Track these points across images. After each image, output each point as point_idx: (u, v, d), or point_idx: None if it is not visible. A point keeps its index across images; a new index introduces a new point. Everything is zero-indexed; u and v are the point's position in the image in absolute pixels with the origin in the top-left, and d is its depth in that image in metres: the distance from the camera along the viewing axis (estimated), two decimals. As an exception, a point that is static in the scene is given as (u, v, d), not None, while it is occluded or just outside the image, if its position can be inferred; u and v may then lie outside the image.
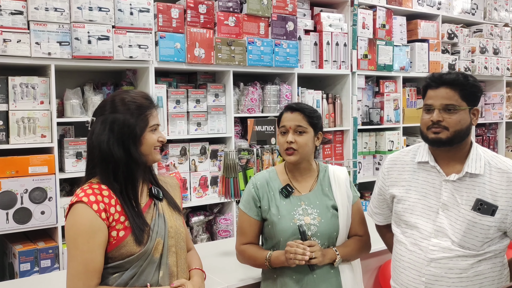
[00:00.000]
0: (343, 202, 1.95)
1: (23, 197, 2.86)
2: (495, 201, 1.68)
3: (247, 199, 1.98)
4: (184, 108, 3.55)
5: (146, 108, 1.61)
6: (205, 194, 3.67)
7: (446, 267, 1.69)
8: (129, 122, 1.56)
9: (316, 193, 1.96)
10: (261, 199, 1.96)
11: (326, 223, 1.90)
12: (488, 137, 5.62)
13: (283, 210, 1.91)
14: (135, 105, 1.59)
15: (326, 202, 1.94)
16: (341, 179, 1.99)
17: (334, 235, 1.91)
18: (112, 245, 1.53)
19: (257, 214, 1.96)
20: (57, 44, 2.93)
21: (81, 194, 1.52)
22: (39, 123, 2.93)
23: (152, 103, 1.65)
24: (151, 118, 1.62)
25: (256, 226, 1.97)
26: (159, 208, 1.66)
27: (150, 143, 1.61)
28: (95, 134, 1.57)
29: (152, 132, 1.62)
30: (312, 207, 1.92)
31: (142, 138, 1.59)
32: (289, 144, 1.91)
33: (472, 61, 5.23)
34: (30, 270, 2.88)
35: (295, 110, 1.95)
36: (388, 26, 4.55)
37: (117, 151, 1.55)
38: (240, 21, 3.65)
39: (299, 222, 1.88)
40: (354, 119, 4.34)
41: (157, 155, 1.65)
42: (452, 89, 1.70)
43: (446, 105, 1.69)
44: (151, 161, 1.65)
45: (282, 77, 4.01)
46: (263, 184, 1.98)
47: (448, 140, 1.70)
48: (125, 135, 1.56)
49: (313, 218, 1.90)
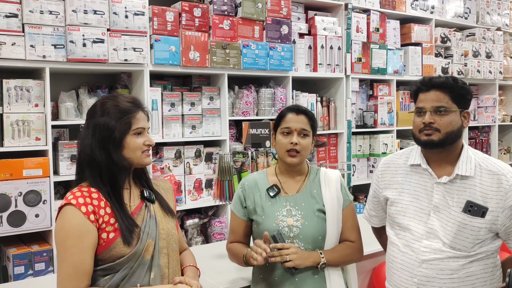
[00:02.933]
0: (332, 206, 1.92)
1: (17, 200, 2.86)
2: (485, 203, 1.69)
3: (235, 199, 2.03)
4: (179, 111, 3.55)
5: (128, 112, 1.60)
6: (200, 197, 3.67)
7: (437, 268, 1.71)
8: (108, 125, 1.57)
9: (303, 194, 1.95)
10: (247, 199, 1.98)
11: (310, 226, 1.88)
12: (481, 140, 5.66)
13: (267, 210, 1.92)
14: (117, 109, 1.60)
15: (313, 205, 1.92)
16: (331, 182, 1.97)
17: (319, 239, 1.89)
18: (102, 247, 1.53)
19: (243, 214, 1.99)
20: (52, 47, 2.93)
21: (70, 196, 1.53)
22: (33, 126, 2.93)
23: (137, 106, 1.63)
24: (135, 121, 1.61)
25: (243, 226, 2.00)
26: (151, 210, 1.66)
27: (133, 147, 1.60)
28: (81, 138, 1.61)
29: (136, 136, 1.61)
30: (297, 208, 1.91)
31: (124, 142, 1.59)
32: (294, 145, 1.90)
33: (465, 65, 5.27)
34: (24, 273, 2.87)
35: (300, 112, 1.95)
36: (381, 30, 4.58)
37: (99, 155, 1.56)
38: (235, 24, 3.67)
39: (282, 223, 1.88)
40: (348, 122, 4.36)
41: (145, 158, 1.64)
42: (442, 92, 1.73)
43: (437, 107, 1.72)
44: (138, 164, 1.64)
45: (276, 80, 4.02)
46: (251, 185, 2.00)
47: (440, 142, 1.72)
48: (105, 138, 1.57)
49: (296, 220, 1.89)
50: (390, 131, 4.68)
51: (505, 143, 6.10)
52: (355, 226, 2.00)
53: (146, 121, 1.66)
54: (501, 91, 5.91)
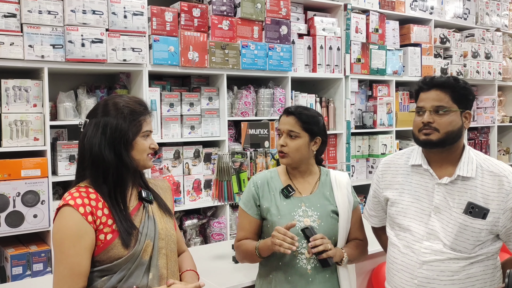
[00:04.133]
0: (344, 207, 1.95)
1: (15, 201, 2.85)
2: (486, 204, 1.69)
3: (247, 197, 1.99)
4: (178, 111, 3.55)
5: (140, 114, 1.62)
6: (199, 198, 3.66)
7: (438, 270, 1.70)
8: (121, 126, 1.57)
9: (318, 196, 1.97)
10: (261, 198, 1.96)
11: (325, 227, 1.90)
12: (480, 141, 5.65)
13: (283, 210, 1.92)
14: (128, 109, 1.59)
15: (327, 206, 1.95)
16: (342, 184, 2.00)
17: (332, 239, 1.91)
18: (100, 248, 1.52)
19: (256, 213, 1.96)
20: (50, 47, 2.92)
21: (68, 197, 1.52)
22: (32, 126, 2.92)
23: (146, 109, 1.65)
24: (145, 124, 1.63)
25: (255, 225, 1.97)
26: (149, 210, 1.65)
27: (141, 149, 1.61)
28: (87, 136, 1.57)
29: (144, 138, 1.63)
30: (313, 209, 1.93)
31: (134, 143, 1.60)
32: (281, 147, 1.95)
33: (464, 66, 5.26)
34: (22, 274, 2.86)
35: (290, 114, 1.96)
36: (381, 30, 4.58)
37: (108, 154, 1.55)
38: (234, 24, 3.66)
39: (299, 223, 1.88)
40: (347, 123, 4.35)
41: (149, 161, 1.66)
42: (443, 91, 1.72)
43: (436, 106, 1.71)
44: (142, 167, 1.65)
45: (275, 80, 4.02)
46: (264, 183, 1.99)
47: (438, 142, 1.71)
48: (116, 139, 1.56)
49: (313, 220, 1.90)
50: (389, 131, 4.68)
51: (504, 144, 6.10)
52: (362, 226, 2.06)
53: (151, 124, 1.68)
54: (500, 92, 5.91)
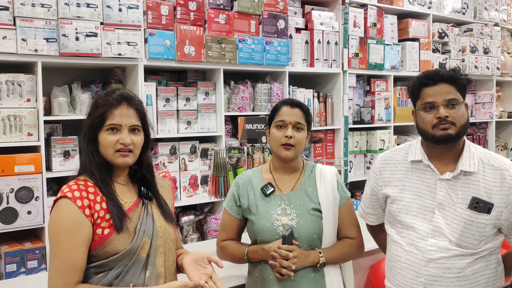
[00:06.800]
0: (328, 204, 1.89)
1: (9, 197, 2.81)
2: (490, 199, 1.66)
3: (229, 197, 1.99)
4: (174, 106, 3.50)
5: (103, 106, 1.54)
6: (195, 194, 3.63)
7: (444, 267, 1.68)
8: (87, 121, 1.57)
9: (298, 193, 1.92)
10: (241, 198, 1.95)
11: (305, 225, 1.85)
12: (478, 136, 5.64)
13: (261, 209, 1.89)
14: (95, 104, 1.57)
15: (307, 204, 1.89)
16: (327, 179, 1.94)
17: (314, 238, 1.86)
18: (96, 243, 1.49)
19: (237, 213, 1.96)
20: (44, 40, 2.87)
21: (66, 189, 1.49)
22: (25, 121, 2.87)
23: (117, 101, 1.54)
24: (110, 117, 1.53)
25: (237, 224, 1.97)
26: (148, 207, 1.62)
27: (104, 144, 1.54)
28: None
29: (109, 133, 1.53)
30: (292, 207, 1.88)
31: (98, 138, 1.55)
32: (288, 139, 1.86)
33: (463, 60, 5.24)
34: (16, 271, 2.82)
35: (295, 105, 1.91)
36: (379, 25, 4.54)
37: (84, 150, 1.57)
38: (230, 18, 3.62)
39: (276, 222, 1.85)
40: (345, 118, 4.32)
41: (118, 158, 1.54)
42: (449, 84, 1.69)
43: (449, 100, 1.68)
44: (112, 163, 1.57)
45: (273, 75, 3.98)
46: (245, 183, 1.96)
47: (456, 136, 1.68)
48: (85, 135, 1.56)
49: (291, 219, 1.86)
50: (387, 127, 4.66)
51: (502, 139, 6.09)
52: (354, 223, 1.97)
53: (128, 117, 1.55)
54: (499, 87, 5.90)
